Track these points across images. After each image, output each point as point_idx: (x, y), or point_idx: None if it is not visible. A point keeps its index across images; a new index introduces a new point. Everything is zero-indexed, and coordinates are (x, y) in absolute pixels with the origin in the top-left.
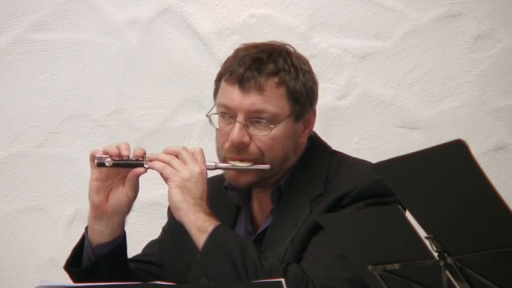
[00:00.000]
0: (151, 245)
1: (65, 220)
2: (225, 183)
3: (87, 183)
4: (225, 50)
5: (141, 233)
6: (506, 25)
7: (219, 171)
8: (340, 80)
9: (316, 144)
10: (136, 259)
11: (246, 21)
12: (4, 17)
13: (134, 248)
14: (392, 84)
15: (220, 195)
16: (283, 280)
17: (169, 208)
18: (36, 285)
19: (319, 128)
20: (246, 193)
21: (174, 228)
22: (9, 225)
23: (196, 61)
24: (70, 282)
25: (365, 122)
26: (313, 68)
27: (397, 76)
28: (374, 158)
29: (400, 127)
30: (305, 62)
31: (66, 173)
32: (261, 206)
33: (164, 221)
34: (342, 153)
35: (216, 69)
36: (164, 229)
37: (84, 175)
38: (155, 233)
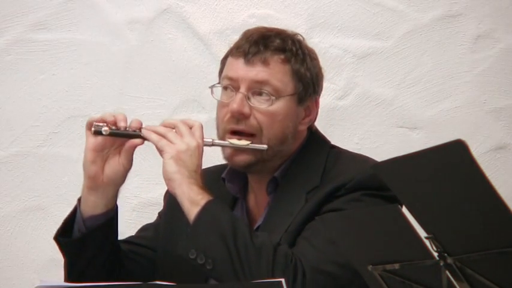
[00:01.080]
0: (145, 228)
1: None
2: (223, 175)
3: None
4: (225, 50)
5: None
6: (506, 25)
7: (218, 163)
8: (340, 80)
9: (315, 138)
10: (129, 241)
11: (246, 21)
12: (4, 17)
13: None
14: (392, 84)
15: (217, 186)
16: (283, 280)
17: (165, 193)
18: (36, 285)
19: (319, 128)
20: (243, 185)
21: (169, 214)
22: (9, 225)
23: (196, 61)
24: (70, 283)
25: (365, 122)
26: None
27: (397, 76)
28: (374, 158)
29: (400, 127)
30: (313, 52)
31: (66, 173)
32: (258, 199)
33: None
34: (341, 148)
35: (216, 69)
36: (160, 214)
37: None
38: None
